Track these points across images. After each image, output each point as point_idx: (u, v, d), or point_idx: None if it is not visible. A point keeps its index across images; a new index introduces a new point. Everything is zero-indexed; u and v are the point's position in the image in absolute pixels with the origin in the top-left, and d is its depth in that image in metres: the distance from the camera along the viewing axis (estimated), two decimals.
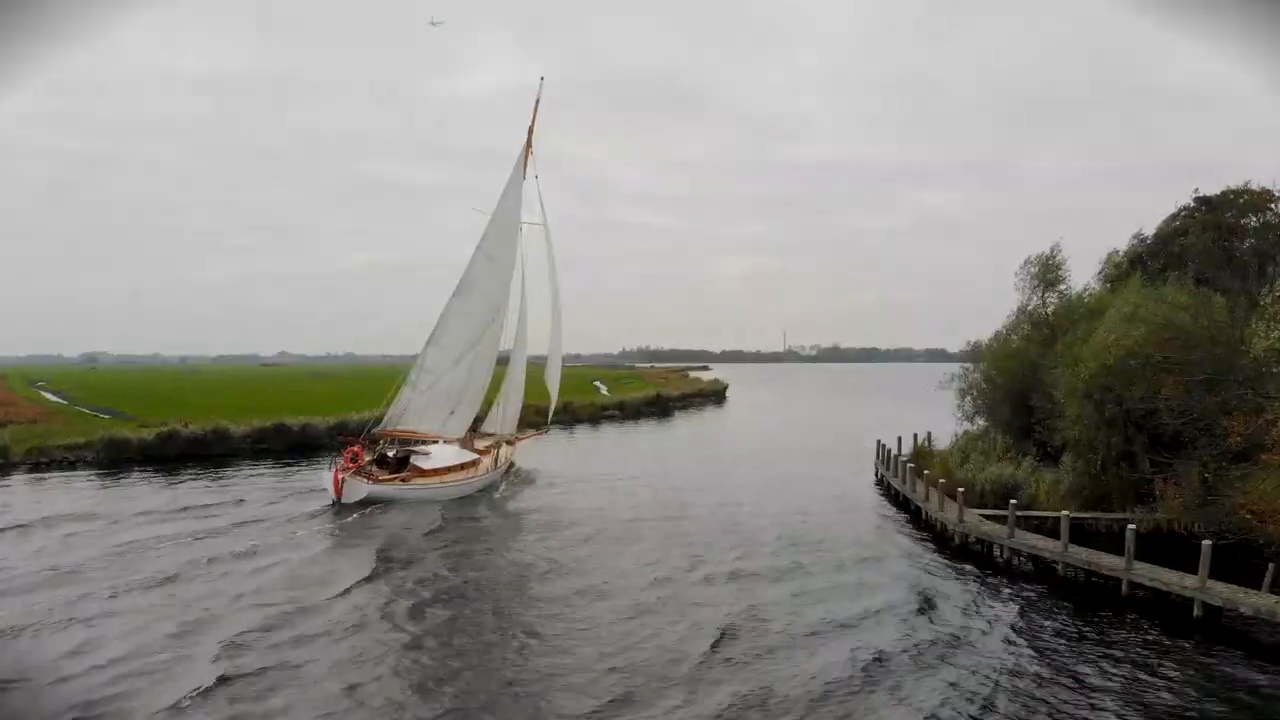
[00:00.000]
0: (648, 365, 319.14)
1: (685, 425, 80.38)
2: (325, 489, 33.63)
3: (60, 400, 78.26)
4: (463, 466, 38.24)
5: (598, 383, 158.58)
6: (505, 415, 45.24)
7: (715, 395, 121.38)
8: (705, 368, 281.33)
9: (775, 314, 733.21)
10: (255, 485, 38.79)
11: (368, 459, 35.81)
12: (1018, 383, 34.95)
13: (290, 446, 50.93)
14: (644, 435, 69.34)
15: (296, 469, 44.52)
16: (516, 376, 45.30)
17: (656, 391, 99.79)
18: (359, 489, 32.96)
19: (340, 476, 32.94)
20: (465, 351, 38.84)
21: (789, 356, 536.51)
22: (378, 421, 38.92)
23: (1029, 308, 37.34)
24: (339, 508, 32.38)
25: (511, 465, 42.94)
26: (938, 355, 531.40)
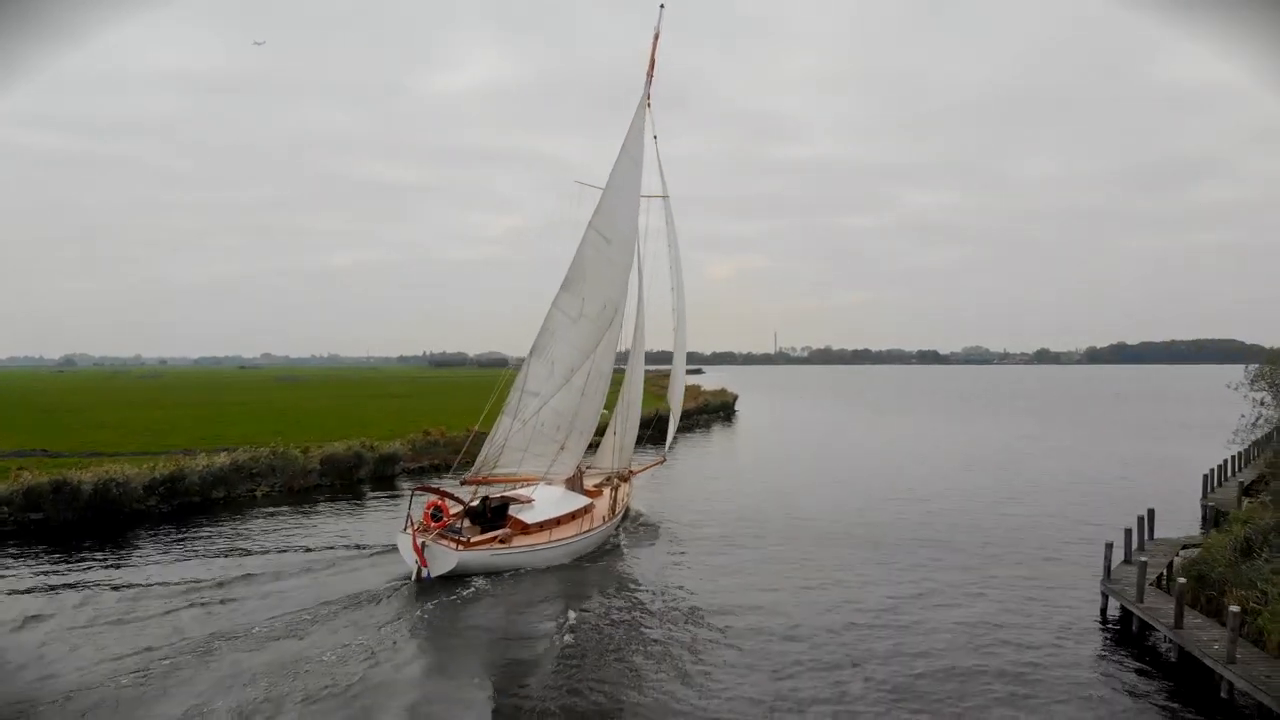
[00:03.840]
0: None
1: (703, 459, 58.59)
2: (403, 558, 25.22)
3: None
4: (573, 516, 29.33)
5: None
6: (623, 444, 35.33)
7: (723, 409, 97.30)
8: (699, 370, 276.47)
9: (766, 315, 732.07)
10: None
11: (454, 511, 27.16)
12: None
13: (80, 518, 31.88)
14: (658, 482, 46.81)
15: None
16: (634, 392, 35.45)
17: (654, 409, 71.96)
18: (445, 558, 24.79)
19: (419, 542, 24.66)
20: (578, 364, 29.61)
21: (780, 358, 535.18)
22: (464, 463, 30.23)
23: None
24: (420, 584, 24.03)
25: (628, 510, 33.81)
26: (930, 357, 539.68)
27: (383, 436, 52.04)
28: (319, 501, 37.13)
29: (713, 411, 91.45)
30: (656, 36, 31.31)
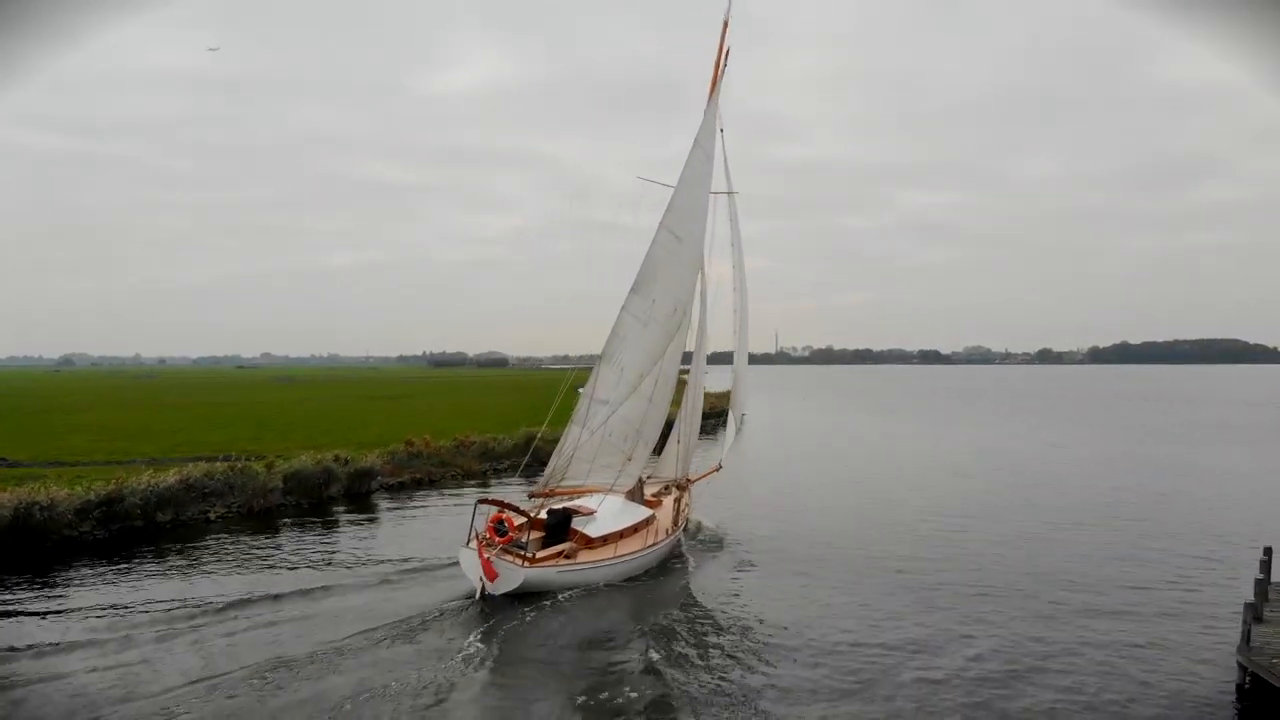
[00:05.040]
0: None
1: (735, 464, 54.06)
2: (465, 573, 23.76)
3: None
4: (636, 529, 27.74)
5: (582, 390, 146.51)
6: (686, 451, 33.88)
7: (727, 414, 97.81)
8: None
9: (766, 315, 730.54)
10: None
11: (518, 523, 25.72)
12: None
13: None
14: None
15: None
16: (696, 396, 34.19)
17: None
18: (512, 574, 23.37)
19: (486, 556, 23.22)
20: (647, 370, 28.36)
21: (781, 358, 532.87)
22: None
23: None
24: (484, 602, 22.52)
25: (688, 521, 32.17)
26: (931, 357, 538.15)
27: (369, 442, 49.22)
28: (283, 523, 33.12)
29: (719, 415, 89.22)
30: (725, 24, 29.60)
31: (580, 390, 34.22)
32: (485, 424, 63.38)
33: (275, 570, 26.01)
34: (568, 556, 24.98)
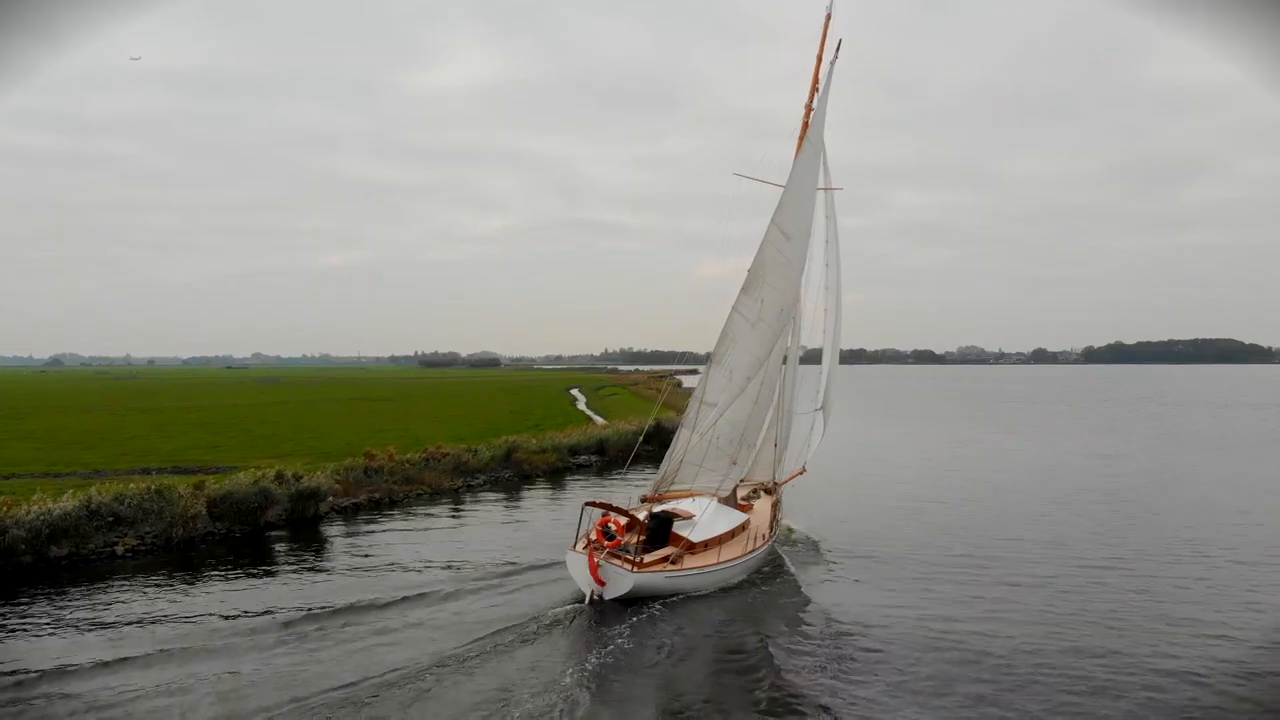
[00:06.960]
0: (631, 369, 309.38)
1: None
2: (572, 577, 23.06)
3: None
4: (733, 534, 27.14)
5: (574, 391, 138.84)
6: (782, 454, 33.10)
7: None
8: (694, 371, 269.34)
9: None
10: None
11: (623, 523, 25.15)
12: None
13: None
14: None
15: None
16: (792, 396, 34.16)
17: (655, 420, 51.98)
18: (621, 579, 22.67)
19: (596, 561, 22.56)
20: (754, 372, 27.99)
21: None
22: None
23: None
24: (596, 609, 21.84)
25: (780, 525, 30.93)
26: (925, 357, 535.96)
27: (336, 451, 45.04)
28: (207, 557, 27.43)
29: None
30: (829, 16, 29.19)
31: (573, 393, 31.12)
32: (469, 430, 59.55)
33: (179, 624, 20.41)
34: (673, 562, 24.36)
